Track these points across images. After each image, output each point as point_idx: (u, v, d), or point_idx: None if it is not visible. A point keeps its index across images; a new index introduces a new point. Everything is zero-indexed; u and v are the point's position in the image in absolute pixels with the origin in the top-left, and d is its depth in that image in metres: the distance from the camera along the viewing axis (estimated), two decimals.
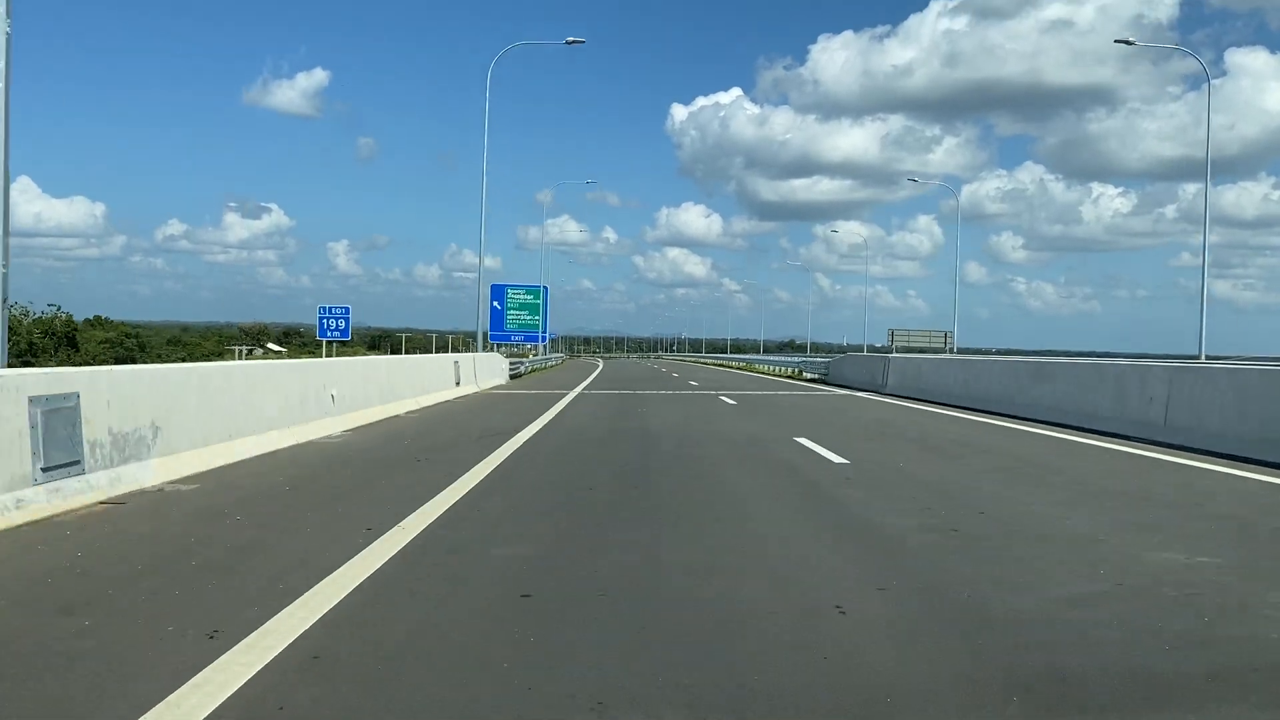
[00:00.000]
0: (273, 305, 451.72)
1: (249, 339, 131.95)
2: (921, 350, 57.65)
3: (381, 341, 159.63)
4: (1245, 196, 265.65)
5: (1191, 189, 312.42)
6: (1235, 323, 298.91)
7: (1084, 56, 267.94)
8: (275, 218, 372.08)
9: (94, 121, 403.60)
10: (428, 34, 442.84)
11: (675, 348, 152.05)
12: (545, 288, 65.87)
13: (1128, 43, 33.00)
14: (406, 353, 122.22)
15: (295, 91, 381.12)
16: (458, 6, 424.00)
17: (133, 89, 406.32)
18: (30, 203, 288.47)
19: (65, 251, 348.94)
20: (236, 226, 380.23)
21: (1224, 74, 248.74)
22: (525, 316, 63.91)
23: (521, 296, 64.90)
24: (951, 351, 52.23)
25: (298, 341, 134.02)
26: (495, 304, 61.54)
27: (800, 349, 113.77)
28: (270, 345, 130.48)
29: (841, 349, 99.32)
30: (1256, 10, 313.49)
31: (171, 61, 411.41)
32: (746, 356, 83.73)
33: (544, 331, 65.13)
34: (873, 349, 76.78)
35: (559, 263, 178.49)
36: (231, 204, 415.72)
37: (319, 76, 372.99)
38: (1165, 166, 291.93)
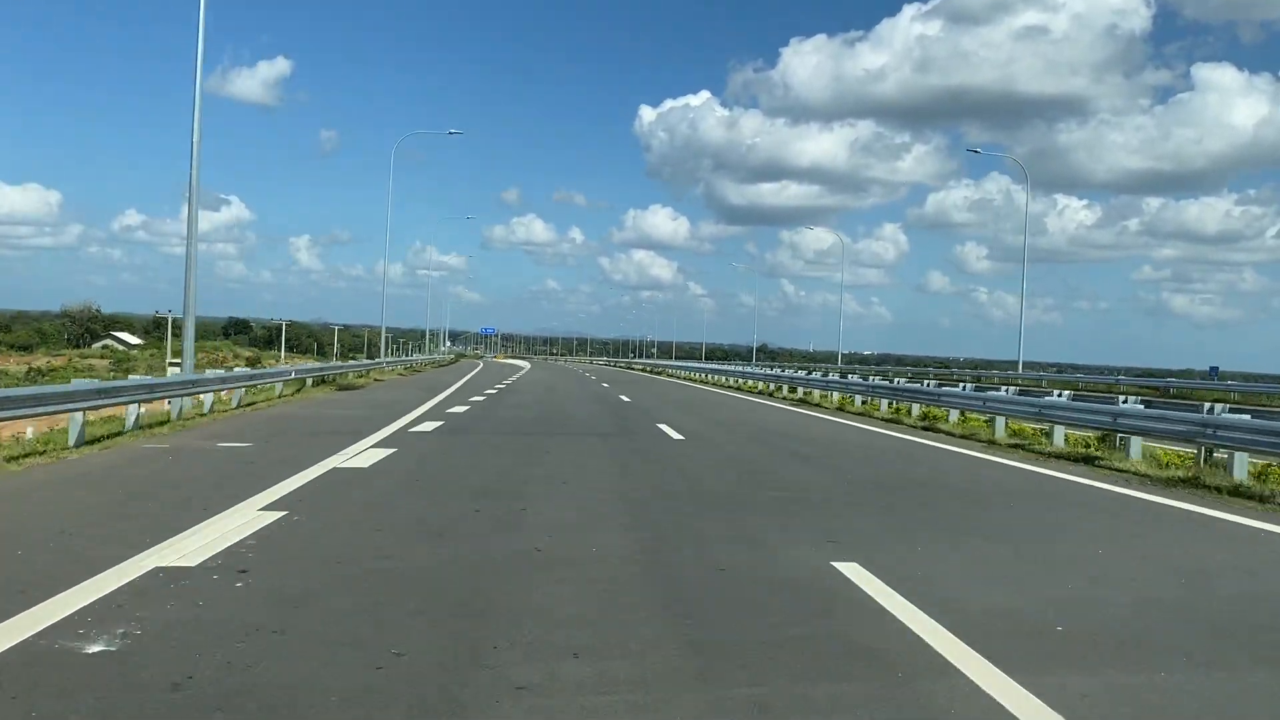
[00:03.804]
0: (232, 299, 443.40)
1: (77, 326, 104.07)
2: None
3: (277, 338, 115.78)
4: (1208, 212, 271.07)
5: (1155, 203, 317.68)
6: (1191, 337, 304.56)
7: (1058, 66, 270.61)
8: (235, 210, 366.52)
9: (47, 105, 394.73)
10: (392, 22, 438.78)
11: (645, 351, 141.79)
12: None
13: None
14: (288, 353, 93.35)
15: (256, 80, 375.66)
16: None
17: (86, 71, 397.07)
18: None
19: (19, 240, 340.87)
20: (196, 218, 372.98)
21: (1191, 88, 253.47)
22: None
23: None
24: None
25: (175, 333, 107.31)
26: None
27: (772, 356, 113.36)
28: (123, 335, 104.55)
29: (810, 355, 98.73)
30: (1230, 23, 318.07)
31: (127, 44, 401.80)
32: (730, 369, 54.53)
33: None
34: (844, 356, 75.45)
35: (524, 262, 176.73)
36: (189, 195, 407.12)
37: (281, 65, 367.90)
38: (1131, 179, 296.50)
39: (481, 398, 26.17)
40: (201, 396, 17.00)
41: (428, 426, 16.05)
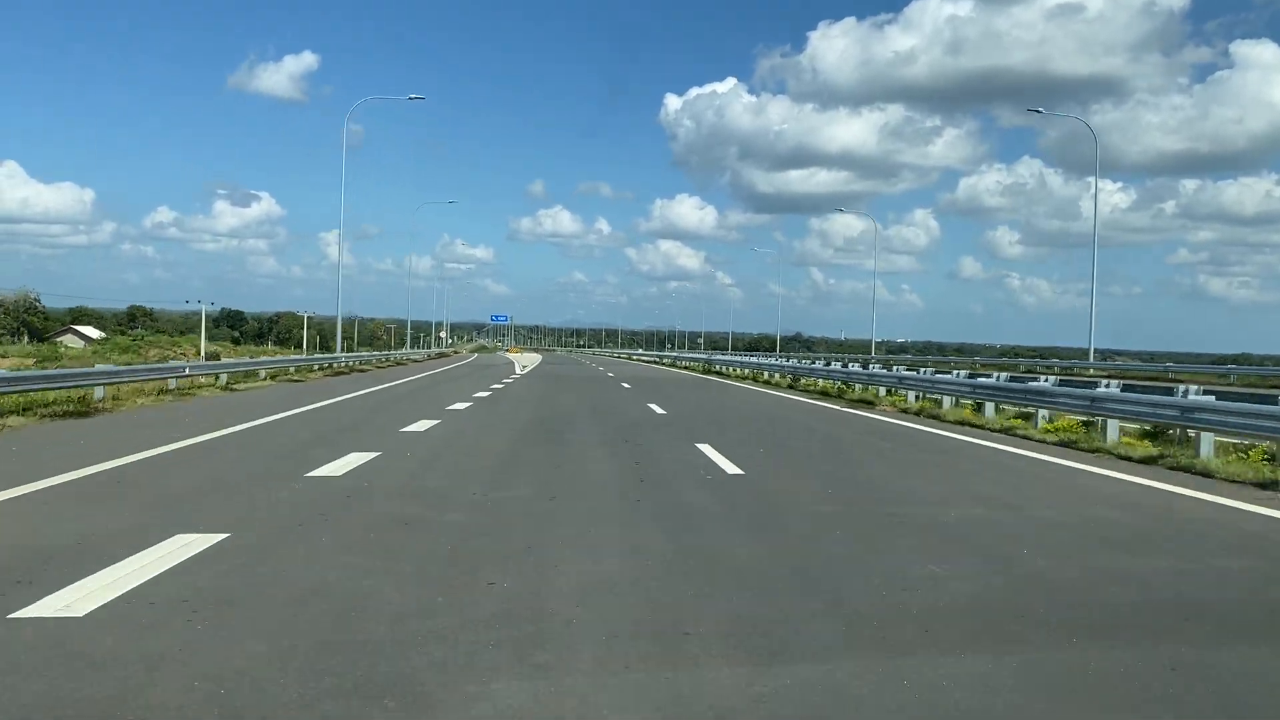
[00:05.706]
0: (264, 295, 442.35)
1: (10, 319, 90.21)
2: None
3: (270, 329, 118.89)
4: (1246, 193, 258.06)
5: (1191, 185, 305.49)
6: (1228, 321, 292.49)
7: (1092, 45, 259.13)
8: (265, 205, 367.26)
9: (80, 105, 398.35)
10: (414, 12, 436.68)
11: (691, 342, 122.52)
12: None
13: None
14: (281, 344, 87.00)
15: (282, 75, 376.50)
16: None
17: (118, 71, 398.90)
18: (17, 188, 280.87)
19: (54, 239, 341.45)
20: (226, 215, 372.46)
21: (1231, 66, 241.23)
22: None
23: None
24: None
25: (148, 326, 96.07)
26: None
27: (807, 346, 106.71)
28: (82, 330, 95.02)
29: (840, 345, 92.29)
30: None
31: (155, 41, 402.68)
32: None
33: None
34: (878, 346, 69.03)
35: (551, 254, 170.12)
36: (220, 191, 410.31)
37: (307, 60, 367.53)
38: (1167, 161, 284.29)
39: None
40: None
41: None
